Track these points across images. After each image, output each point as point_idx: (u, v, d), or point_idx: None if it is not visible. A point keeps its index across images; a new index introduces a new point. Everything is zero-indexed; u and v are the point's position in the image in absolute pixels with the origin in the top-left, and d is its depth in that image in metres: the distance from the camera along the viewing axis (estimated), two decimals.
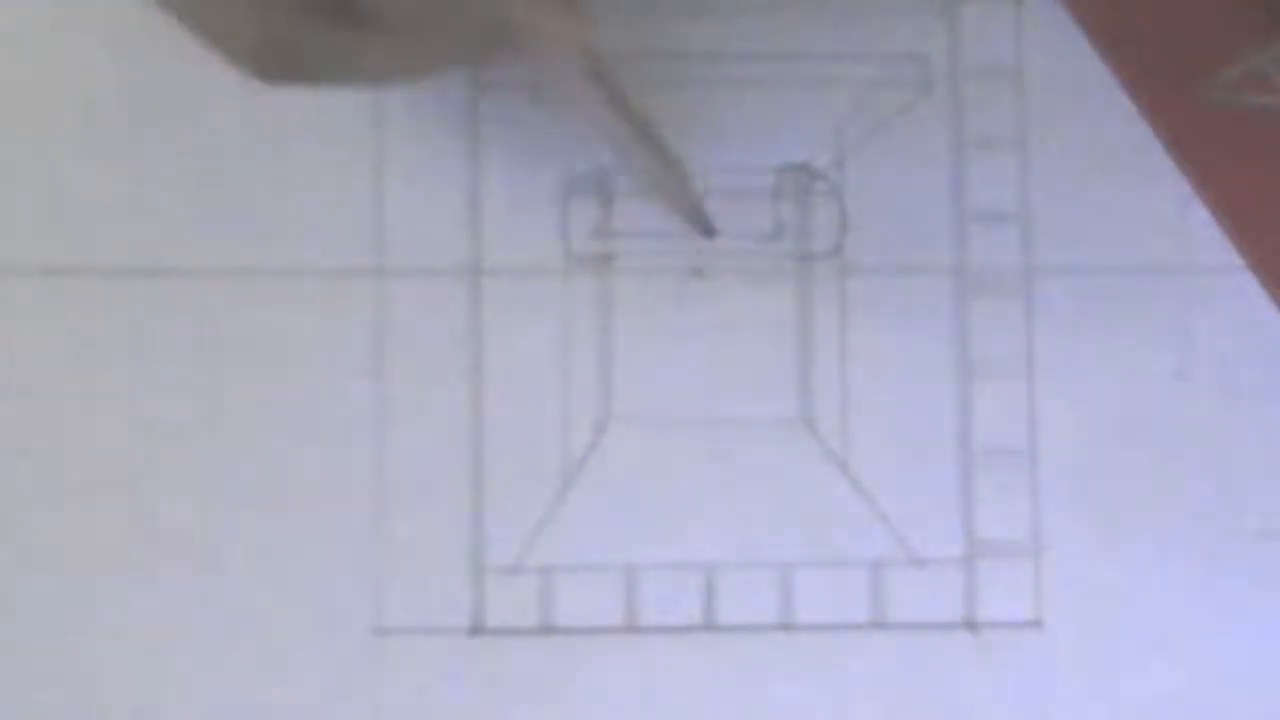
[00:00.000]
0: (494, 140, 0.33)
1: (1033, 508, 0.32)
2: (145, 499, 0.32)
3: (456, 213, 0.33)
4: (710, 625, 0.32)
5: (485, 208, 0.33)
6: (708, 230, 0.32)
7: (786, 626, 0.32)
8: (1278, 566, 0.32)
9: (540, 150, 0.33)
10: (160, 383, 0.32)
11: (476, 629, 0.32)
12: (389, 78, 0.28)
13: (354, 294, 0.32)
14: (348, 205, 0.32)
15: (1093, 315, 0.33)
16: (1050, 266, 0.33)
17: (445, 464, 0.32)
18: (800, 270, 0.33)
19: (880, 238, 0.33)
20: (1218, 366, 0.33)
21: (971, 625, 0.32)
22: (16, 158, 0.32)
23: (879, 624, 0.32)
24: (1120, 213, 0.33)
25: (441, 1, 0.26)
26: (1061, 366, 0.33)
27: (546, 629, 0.32)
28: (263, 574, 0.32)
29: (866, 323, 0.33)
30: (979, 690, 0.32)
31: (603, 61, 0.29)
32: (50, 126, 0.32)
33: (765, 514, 0.32)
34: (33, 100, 0.32)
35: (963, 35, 0.33)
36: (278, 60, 0.26)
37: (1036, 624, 0.32)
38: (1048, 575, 0.32)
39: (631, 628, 0.32)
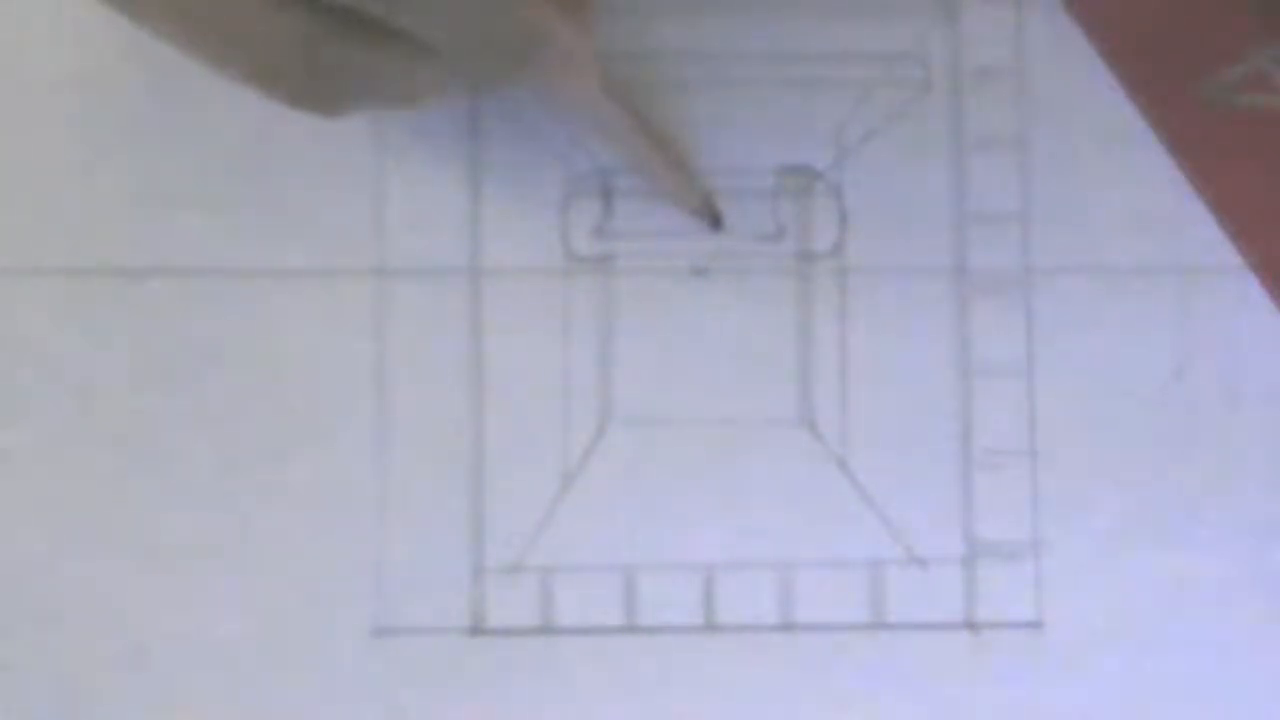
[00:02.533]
0: (494, 140, 0.33)
1: (1033, 508, 0.32)
2: (145, 499, 0.32)
3: (456, 213, 0.33)
4: (710, 625, 0.32)
5: (485, 208, 0.33)
6: (715, 222, 0.32)
7: (786, 626, 0.32)
8: (1278, 566, 0.32)
9: (540, 150, 0.33)
10: (160, 382, 0.32)
11: (476, 629, 0.32)
12: (416, 100, 0.28)
13: (354, 294, 0.32)
14: (348, 205, 0.32)
15: (1093, 315, 0.33)
16: (1050, 266, 0.33)
17: (445, 464, 0.32)
18: (800, 270, 0.33)
19: (880, 238, 0.33)
20: (1218, 366, 0.33)
21: (971, 625, 0.32)
22: (16, 158, 0.32)
23: (879, 624, 0.32)
24: (1120, 213, 0.33)
25: (467, 18, 0.26)
26: (1061, 366, 0.33)
27: (546, 629, 0.32)
28: (263, 574, 0.32)
29: (866, 323, 0.33)
30: (979, 690, 0.32)
31: (603, 69, 0.29)
32: (50, 127, 0.32)
33: (765, 514, 0.32)
34: (33, 101, 0.32)
35: (963, 35, 0.33)
36: (313, 89, 0.26)
37: (1036, 624, 0.32)
38: (1048, 575, 0.32)
39: (631, 628, 0.32)
